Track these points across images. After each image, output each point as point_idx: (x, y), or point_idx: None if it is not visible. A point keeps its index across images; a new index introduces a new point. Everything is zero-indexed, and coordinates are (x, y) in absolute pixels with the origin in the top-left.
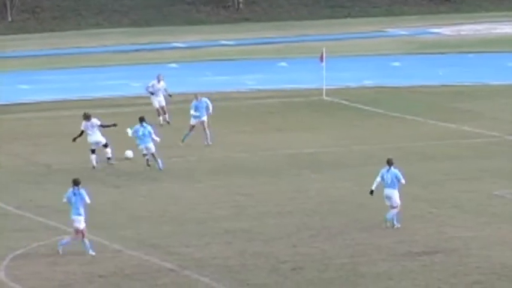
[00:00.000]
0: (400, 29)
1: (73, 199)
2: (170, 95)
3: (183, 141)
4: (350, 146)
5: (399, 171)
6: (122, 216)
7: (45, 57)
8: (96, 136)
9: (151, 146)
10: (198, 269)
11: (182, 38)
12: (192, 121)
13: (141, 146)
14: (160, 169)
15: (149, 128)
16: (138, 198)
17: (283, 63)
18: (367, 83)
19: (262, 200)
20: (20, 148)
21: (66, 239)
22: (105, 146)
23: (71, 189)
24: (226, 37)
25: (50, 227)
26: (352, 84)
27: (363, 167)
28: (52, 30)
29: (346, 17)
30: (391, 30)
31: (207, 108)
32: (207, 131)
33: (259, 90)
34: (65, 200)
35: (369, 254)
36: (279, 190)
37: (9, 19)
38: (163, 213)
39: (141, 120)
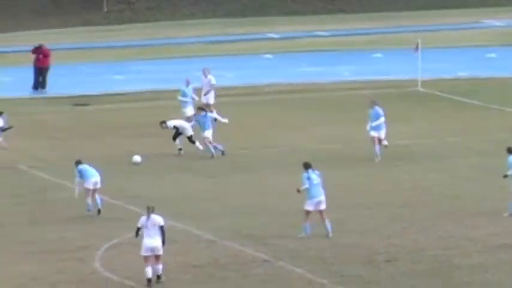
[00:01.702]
0: (495, 20)
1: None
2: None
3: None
4: (445, 138)
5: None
6: (216, 206)
7: (139, 47)
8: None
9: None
10: (292, 260)
11: (277, 29)
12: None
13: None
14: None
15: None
16: (233, 188)
17: (378, 54)
18: (462, 74)
19: (356, 191)
20: (114, 138)
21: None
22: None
23: None
24: (321, 28)
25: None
26: (447, 76)
27: (458, 159)
28: (147, 21)
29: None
30: (486, 22)
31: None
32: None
33: (354, 81)
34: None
35: (463, 245)
36: (373, 181)
37: (105, 9)
38: (257, 204)
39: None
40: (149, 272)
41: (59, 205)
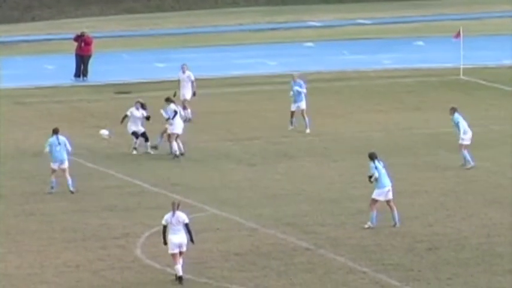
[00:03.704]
0: None
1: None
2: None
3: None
4: (488, 126)
5: None
6: (258, 194)
7: (181, 35)
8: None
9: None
10: (334, 248)
11: (318, 17)
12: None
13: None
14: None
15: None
16: (275, 176)
17: (420, 42)
18: (506, 62)
19: (398, 179)
20: (155, 125)
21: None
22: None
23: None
24: (363, 16)
25: (186, 204)
26: (490, 64)
27: (502, 147)
28: (189, 9)
29: None
30: None
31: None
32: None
33: (396, 69)
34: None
35: (506, 234)
36: (415, 169)
37: None
38: (299, 192)
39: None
40: (179, 269)
41: (101, 193)
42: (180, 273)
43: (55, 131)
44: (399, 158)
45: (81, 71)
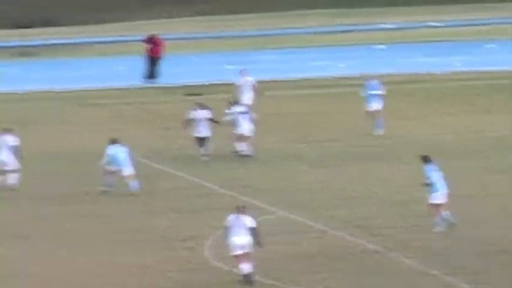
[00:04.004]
0: None
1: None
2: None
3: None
4: None
5: None
6: (328, 196)
7: (252, 38)
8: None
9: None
10: (403, 251)
11: (388, 19)
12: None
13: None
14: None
15: None
16: (345, 178)
17: (492, 45)
18: None
19: (469, 182)
20: (226, 128)
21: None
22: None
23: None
24: (433, 18)
25: (254, 206)
26: None
27: None
28: (259, 11)
29: None
30: None
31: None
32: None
33: (466, 72)
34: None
35: None
36: (486, 172)
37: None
38: (370, 194)
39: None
40: (245, 268)
41: (168, 194)
42: (246, 271)
43: (113, 141)
44: (470, 160)
45: (151, 72)
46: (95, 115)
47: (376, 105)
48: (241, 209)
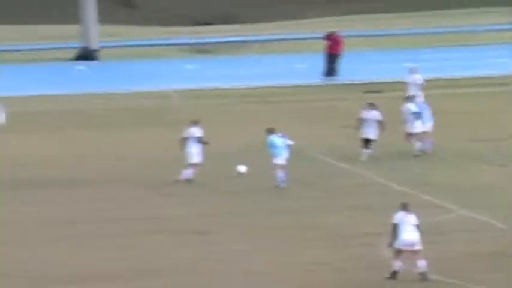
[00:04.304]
0: None
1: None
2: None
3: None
4: None
5: None
6: (509, 195)
7: (430, 35)
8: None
9: None
10: None
11: None
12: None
13: None
14: None
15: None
16: None
17: None
18: None
19: None
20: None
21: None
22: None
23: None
24: None
25: (433, 205)
26: None
27: None
28: (435, 9)
29: None
30: None
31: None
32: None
33: None
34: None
35: None
36: None
37: None
38: None
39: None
40: (398, 265)
41: (347, 191)
42: (398, 268)
43: (270, 131)
44: None
45: (330, 70)
46: (274, 112)
47: None
48: (406, 207)
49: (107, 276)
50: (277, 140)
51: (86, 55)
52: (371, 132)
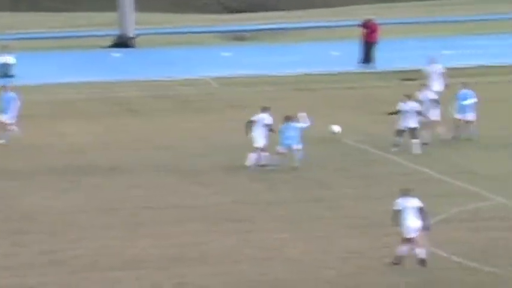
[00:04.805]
0: None
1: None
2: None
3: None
4: None
5: None
6: None
7: (469, 22)
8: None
9: None
10: None
11: None
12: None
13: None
14: None
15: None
16: None
17: None
18: None
19: None
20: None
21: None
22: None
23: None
24: None
25: (471, 192)
26: None
27: None
28: None
29: None
30: None
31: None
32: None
33: None
34: None
35: None
36: None
37: None
38: None
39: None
40: (404, 250)
41: (385, 180)
42: (405, 253)
43: (288, 118)
44: None
45: (367, 57)
46: (311, 100)
47: None
48: (406, 192)
49: (151, 263)
50: (288, 127)
51: (123, 42)
52: (413, 122)
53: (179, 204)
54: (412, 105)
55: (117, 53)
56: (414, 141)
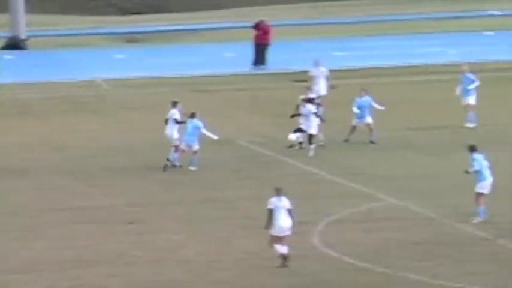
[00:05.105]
0: None
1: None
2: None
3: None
4: None
5: None
6: (438, 184)
7: (360, 24)
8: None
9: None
10: None
11: (498, 6)
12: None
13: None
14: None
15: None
16: (456, 166)
17: None
18: None
19: None
20: (333, 114)
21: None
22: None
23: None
24: None
25: (364, 193)
26: None
27: None
28: None
29: None
30: None
31: (370, 107)
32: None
33: None
34: None
35: None
36: None
37: None
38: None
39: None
40: (282, 248)
41: (279, 181)
42: (283, 251)
43: (192, 115)
44: None
45: (259, 59)
46: (205, 101)
47: (469, 99)
48: (279, 191)
49: (47, 265)
50: (192, 124)
51: (15, 44)
52: (311, 127)
53: (74, 206)
54: (308, 108)
55: (9, 55)
56: (312, 146)
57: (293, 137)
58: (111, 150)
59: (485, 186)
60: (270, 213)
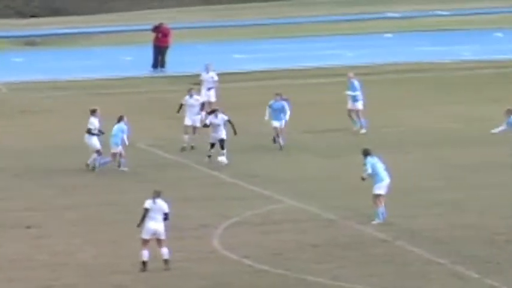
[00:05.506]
0: None
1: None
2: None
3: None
4: None
5: None
6: (336, 186)
7: (259, 26)
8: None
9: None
10: (411, 240)
11: (395, 8)
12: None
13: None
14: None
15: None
16: (353, 168)
17: (499, 34)
18: None
19: (474, 172)
20: (232, 117)
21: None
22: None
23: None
24: (441, 7)
25: (263, 196)
26: None
27: None
28: (266, 0)
29: None
30: None
31: (283, 111)
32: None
33: (474, 61)
34: None
35: None
36: (491, 161)
37: None
38: None
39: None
40: (146, 254)
41: (178, 184)
42: (146, 258)
43: (119, 119)
44: (474, 149)
45: (159, 62)
46: (104, 104)
47: (355, 104)
48: (157, 194)
49: None
50: (116, 128)
51: None
52: (223, 133)
53: None
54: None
55: None
56: (222, 151)
57: (223, 158)
58: (8, 153)
59: (382, 187)
60: (146, 212)
